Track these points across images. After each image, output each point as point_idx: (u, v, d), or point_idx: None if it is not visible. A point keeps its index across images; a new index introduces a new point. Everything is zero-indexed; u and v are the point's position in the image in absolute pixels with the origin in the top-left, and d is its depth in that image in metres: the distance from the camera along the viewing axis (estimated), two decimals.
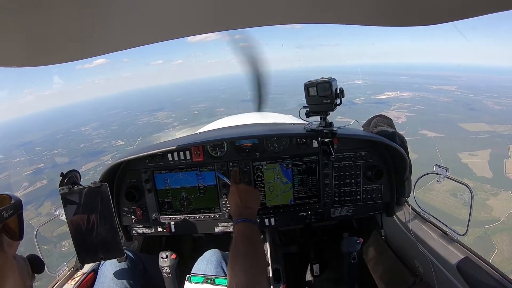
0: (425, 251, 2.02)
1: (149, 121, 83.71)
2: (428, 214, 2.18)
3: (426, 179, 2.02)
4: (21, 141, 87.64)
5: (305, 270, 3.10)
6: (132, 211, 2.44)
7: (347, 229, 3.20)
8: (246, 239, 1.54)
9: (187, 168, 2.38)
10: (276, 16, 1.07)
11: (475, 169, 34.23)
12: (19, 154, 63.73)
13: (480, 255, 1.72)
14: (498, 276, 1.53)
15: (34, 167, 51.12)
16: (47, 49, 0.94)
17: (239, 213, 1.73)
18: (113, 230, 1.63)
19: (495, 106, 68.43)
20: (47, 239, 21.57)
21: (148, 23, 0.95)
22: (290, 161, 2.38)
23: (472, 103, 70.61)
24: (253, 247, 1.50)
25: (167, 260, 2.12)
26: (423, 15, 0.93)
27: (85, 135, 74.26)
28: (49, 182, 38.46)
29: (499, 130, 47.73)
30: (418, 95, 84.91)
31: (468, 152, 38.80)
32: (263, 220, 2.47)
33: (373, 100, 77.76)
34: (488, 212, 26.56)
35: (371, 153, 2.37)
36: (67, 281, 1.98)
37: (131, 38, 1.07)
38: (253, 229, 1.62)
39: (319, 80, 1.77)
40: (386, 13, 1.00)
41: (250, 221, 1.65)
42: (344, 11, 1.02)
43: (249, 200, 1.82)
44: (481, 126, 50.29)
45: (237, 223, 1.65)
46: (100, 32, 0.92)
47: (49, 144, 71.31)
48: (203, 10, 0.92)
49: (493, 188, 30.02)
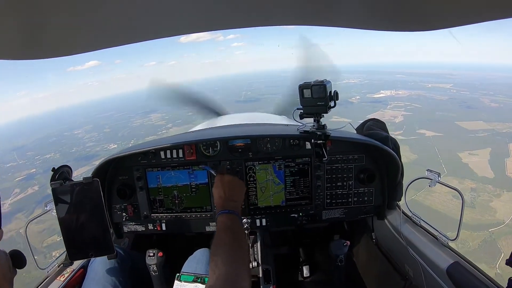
0: (415, 255, 2.01)
1: (143, 123, 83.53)
2: (419, 218, 2.16)
3: (426, 181, 1.94)
4: (14, 145, 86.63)
5: (295, 271, 3.09)
6: (123, 208, 2.43)
7: (338, 232, 3.16)
8: (229, 230, 1.53)
9: (180, 167, 2.37)
10: (272, 17, 1.10)
11: (476, 169, 33.74)
12: (11, 159, 62.94)
13: (469, 260, 1.72)
14: (487, 281, 1.53)
15: (26, 172, 50.91)
16: (39, 43, 0.96)
17: (222, 204, 1.73)
18: (103, 227, 1.61)
19: (492, 103, 68.57)
20: (36, 249, 21.07)
21: (143, 20, 0.97)
22: (282, 162, 2.38)
23: (468, 101, 70.84)
24: (236, 239, 1.50)
25: (154, 258, 2.09)
26: (417, 21, 0.98)
27: (78, 139, 73.98)
28: (40, 188, 38.41)
29: (497, 128, 47.67)
30: (414, 93, 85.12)
31: (468, 151, 38.50)
32: (254, 221, 2.46)
33: (369, 99, 77.88)
34: (492, 214, 26.11)
35: (364, 156, 2.37)
36: (56, 277, 1.95)
37: (126, 34, 1.08)
38: (236, 221, 1.64)
39: (313, 82, 1.77)
40: (381, 19, 1.04)
41: (233, 213, 1.65)
42: (340, 15, 1.06)
43: (233, 192, 1.83)
44: (479, 124, 50.09)
45: (220, 214, 1.65)
46: (99, 27, 0.95)
47: (41, 148, 70.98)
48: (198, 9, 0.95)
49: (496, 189, 29.53)
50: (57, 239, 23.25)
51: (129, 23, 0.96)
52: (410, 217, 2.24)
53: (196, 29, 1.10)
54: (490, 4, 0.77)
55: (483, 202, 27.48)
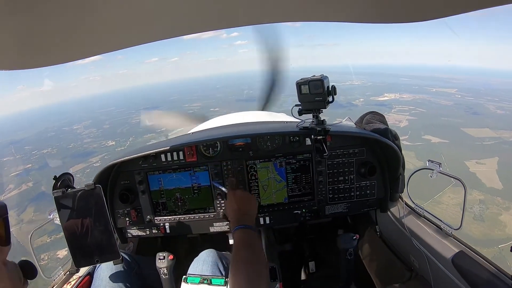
0: (420, 246, 2.02)
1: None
2: (422, 209, 2.17)
3: (433, 192, 1.56)
4: (12, 138, 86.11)
5: (300, 267, 3.13)
6: (126, 213, 2.42)
7: (342, 226, 3.18)
8: (248, 247, 1.55)
9: (181, 169, 2.38)
10: (269, 14, 1.13)
11: (484, 179, 32.55)
12: (9, 153, 62.08)
13: (474, 248, 1.72)
14: (492, 269, 1.55)
15: (22, 167, 49.93)
16: (40, 51, 0.98)
17: (237, 219, 1.76)
18: (108, 232, 1.63)
19: (497, 110, 67.16)
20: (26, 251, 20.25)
21: (145, 22, 0.99)
22: (283, 160, 2.38)
23: (474, 107, 69.39)
24: (255, 254, 1.52)
25: (164, 261, 2.04)
26: (412, 12, 0.99)
27: (76, 134, 73.51)
28: (35, 185, 37.83)
29: (504, 136, 46.32)
30: (418, 98, 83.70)
31: (475, 160, 37.29)
32: (257, 219, 2.45)
33: (373, 102, 76.80)
34: (501, 229, 25.04)
35: (364, 150, 2.38)
36: (63, 285, 1.95)
37: (127, 37, 1.10)
38: (254, 236, 1.66)
39: (311, 78, 1.80)
40: (376, 10, 1.05)
41: (249, 228, 1.68)
42: (334, 8, 1.07)
43: (246, 207, 1.87)
44: (485, 131, 48.75)
45: (236, 229, 1.66)
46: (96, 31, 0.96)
47: (39, 142, 70.41)
48: (202, 8, 0.97)
49: (505, 201, 28.33)
50: (47, 240, 22.59)
51: (131, 25, 0.96)
52: (413, 209, 2.27)
53: (196, 30, 1.11)
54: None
55: (492, 215, 26.42)
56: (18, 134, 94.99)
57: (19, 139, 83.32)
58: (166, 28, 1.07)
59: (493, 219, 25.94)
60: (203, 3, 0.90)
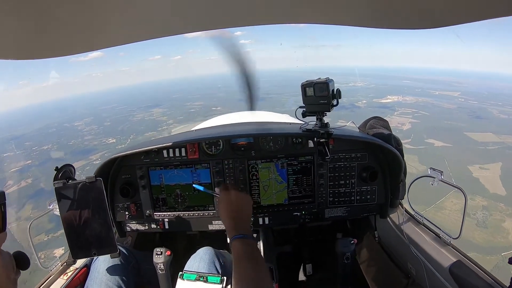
0: (418, 253, 2.02)
1: (144, 118, 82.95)
2: (421, 217, 2.16)
3: (435, 198, 1.69)
4: (13, 134, 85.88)
5: (298, 269, 3.10)
6: (126, 207, 2.41)
7: (341, 230, 3.19)
8: (251, 260, 1.51)
9: (182, 165, 2.37)
10: (269, 15, 1.11)
11: (487, 185, 32.23)
12: (9, 149, 61.98)
13: (472, 258, 1.72)
14: (490, 280, 1.54)
15: (21, 163, 49.64)
16: (45, 42, 0.98)
17: (234, 227, 1.69)
18: (106, 225, 1.63)
19: (501, 115, 66.89)
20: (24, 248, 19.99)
21: (145, 19, 0.99)
22: (285, 161, 2.37)
23: (477, 111, 69.16)
24: (259, 266, 1.49)
25: (161, 256, 2.06)
26: (423, 19, 0.98)
27: (77, 131, 73.17)
28: (34, 182, 37.55)
29: (507, 141, 46.02)
30: (421, 100, 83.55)
31: (478, 165, 37.02)
32: (257, 219, 2.45)
33: (376, 104, 76.62)
34: (504, 236, 24.71)
35: (367, 155, 2.36)
36: (59, 276, 1.95)
37: (129, 33, 1.10)
38: (255, 246, 1.61)
39: (316, 80, 1.79)
40: (385, 15, 1.04)
41: (248, 238, 1.62)
42: (343, 12, 1.06)
43: (242, 212, 1.83)
44: (489, 136, 48.44)
45: (234, 239, 1.60)
46: (101, 26, 0.96)
47: (40, 138, 70.28)
48: (201, 7, 0.96)
49: (508, 208, 27.99)
50: (44, 238, 22.38)
51: (135, 21, 0.96)
52: (413, 216, 2.26)
53: (199, 28, 1.11)
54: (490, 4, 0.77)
55: (496, 222, 26.10)
56: (19, 130, 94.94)
57: (19, 134, 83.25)
58: (170, 24, 1.08)
59: (496, 226, 25.64)
60: (209, 1, 0.89)
